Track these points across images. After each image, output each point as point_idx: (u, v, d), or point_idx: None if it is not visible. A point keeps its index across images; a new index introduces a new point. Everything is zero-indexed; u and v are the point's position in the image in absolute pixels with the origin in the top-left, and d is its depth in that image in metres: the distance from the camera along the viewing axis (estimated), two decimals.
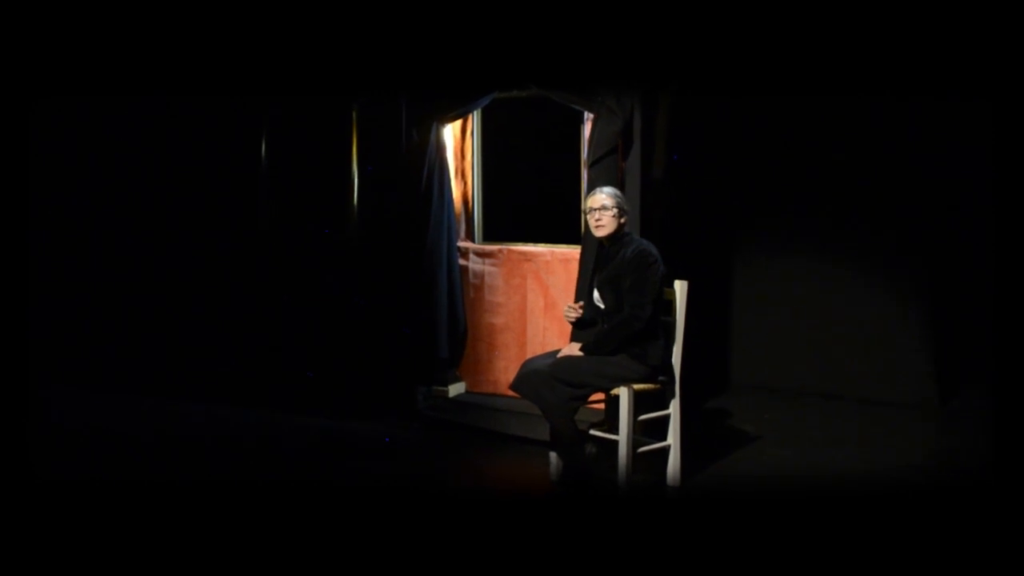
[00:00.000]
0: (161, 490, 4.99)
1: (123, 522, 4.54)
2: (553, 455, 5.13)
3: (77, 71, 6.78)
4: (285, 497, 4.90)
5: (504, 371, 6.37)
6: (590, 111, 5.77)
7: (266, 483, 5.11)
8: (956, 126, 6.32)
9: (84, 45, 6.68)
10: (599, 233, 4.97)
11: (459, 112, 6.27)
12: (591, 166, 5.67)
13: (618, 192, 5.04)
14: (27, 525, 4.35)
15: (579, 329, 5.21)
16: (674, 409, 5.07)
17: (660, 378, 4.98)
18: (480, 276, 6.51)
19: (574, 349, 4.93)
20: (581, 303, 5.09)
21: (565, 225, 6.16)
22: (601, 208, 4.94)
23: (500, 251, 6.45)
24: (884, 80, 6.14)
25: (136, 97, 6.98)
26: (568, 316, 5.09)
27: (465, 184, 6.56)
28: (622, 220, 4.98)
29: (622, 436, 4.85)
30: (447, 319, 6.38)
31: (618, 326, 4.84)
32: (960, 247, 6.70)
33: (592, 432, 5.14)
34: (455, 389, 6.53)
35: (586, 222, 5.12)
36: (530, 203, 6.44)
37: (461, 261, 6.54)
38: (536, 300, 6.33)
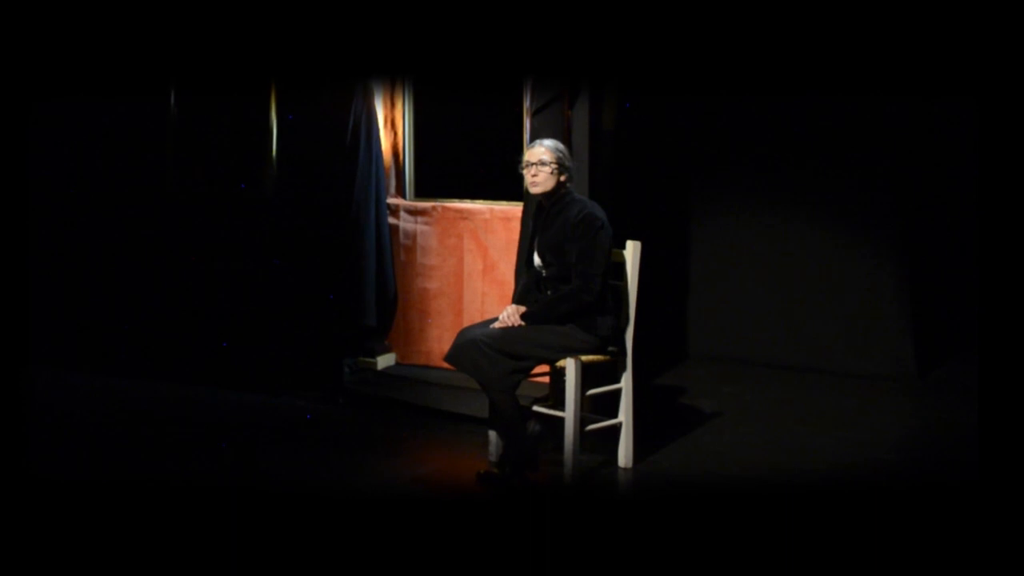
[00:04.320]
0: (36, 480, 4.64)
1: None
2: (492, 433, 5.01)
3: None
4: (186, 494, 4.58)
5: (438, 341, 6.22)
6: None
7: (160, 478, 4.79)
8: (939, 85, 6.13)
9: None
10: (534, 190, 4.80)
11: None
12: (534, 115, 5.57)
13: (560, 146, 4.83)
14: None
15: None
16: (626, 383, 4.95)
17: (610, 349, 4.83)
18: (412, 236, 6.31)
19: (516, 312, 4.73)
20: (522, 310, 4.76)
21: (506, 180, 5.88)
22: (539, 163, 4.73)
23: (434, 208, 6.25)
24: (857, 40, 5.97)
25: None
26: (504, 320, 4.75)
27: (395, 134, 6.36)
28: (562, 178, 4.77)
29: (568, 413, 4.72)
30: (375, 284, 6.22)
31: (566, 297, 4.67)
32: (940, 208, 6.72)
33: (535, 408, 5.02)
34: (384, 361, 6.35)
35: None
36: (467, 155, 6.25)
37: (391, 219, 6.34)
38: (474, 263, 6.14)
